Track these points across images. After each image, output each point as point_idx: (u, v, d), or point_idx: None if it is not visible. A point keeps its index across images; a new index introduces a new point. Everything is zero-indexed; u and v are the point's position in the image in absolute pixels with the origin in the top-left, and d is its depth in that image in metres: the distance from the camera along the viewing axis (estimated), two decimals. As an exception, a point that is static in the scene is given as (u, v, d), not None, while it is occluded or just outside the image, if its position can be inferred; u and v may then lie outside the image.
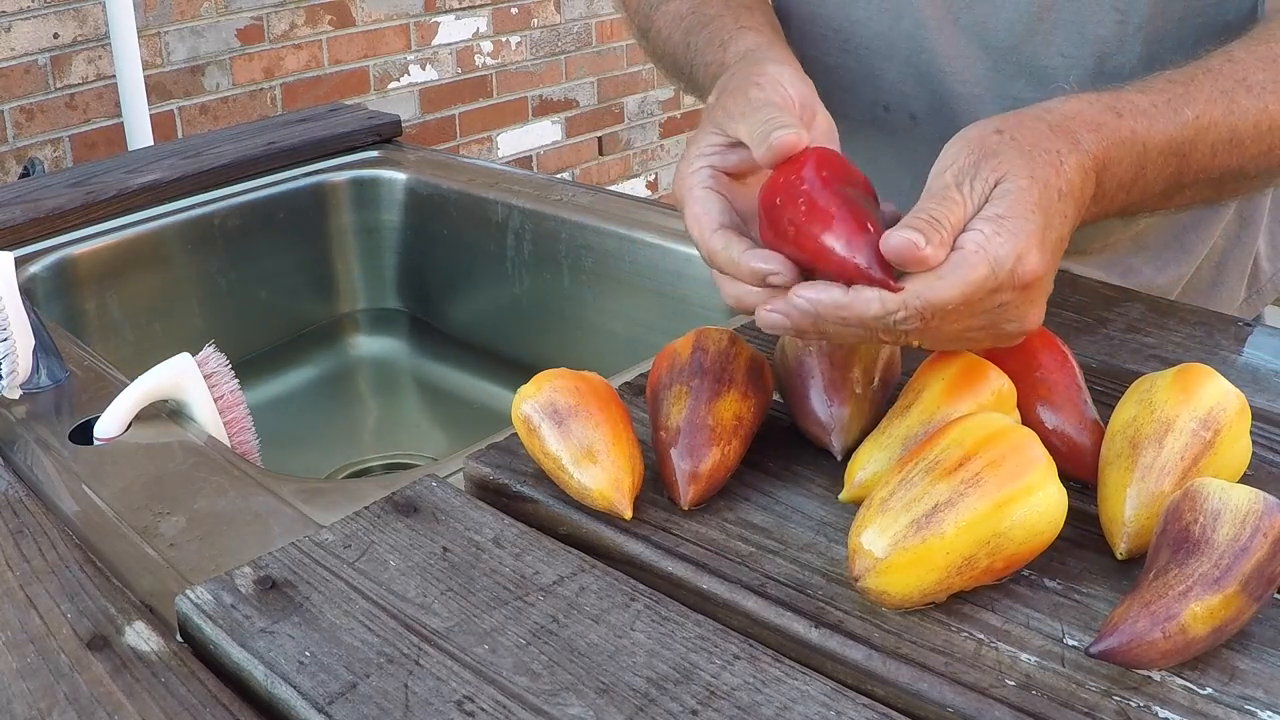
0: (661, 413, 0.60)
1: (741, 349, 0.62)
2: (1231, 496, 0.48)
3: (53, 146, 2.16)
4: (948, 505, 0.48)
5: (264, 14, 2.39)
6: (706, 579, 0.53)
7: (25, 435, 0.72)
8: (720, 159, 0.60)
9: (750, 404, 0.60)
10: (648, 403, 0.62)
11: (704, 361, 0.60)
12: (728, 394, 0.59)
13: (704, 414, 0.58)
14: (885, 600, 0.49)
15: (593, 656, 0.48)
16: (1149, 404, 0.55)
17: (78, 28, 2.13)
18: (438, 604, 0.51)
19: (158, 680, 0.48)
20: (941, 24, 0.82)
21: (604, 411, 0.58)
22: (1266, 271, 0.99)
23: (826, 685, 0.46)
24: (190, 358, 0.74)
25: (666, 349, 0.63)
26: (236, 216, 1.16)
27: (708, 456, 0.57)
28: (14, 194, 1.08)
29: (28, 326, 0.74)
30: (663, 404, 0.60)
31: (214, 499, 0.65)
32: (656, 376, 0.62)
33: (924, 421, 0.56)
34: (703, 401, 0.59)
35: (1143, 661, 0.45)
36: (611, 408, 0.59)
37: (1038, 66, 0.81)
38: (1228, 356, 0.72)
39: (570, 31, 3.00)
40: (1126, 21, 0.78)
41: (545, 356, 1.13)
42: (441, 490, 0.59)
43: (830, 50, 0.89)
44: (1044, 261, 0.53)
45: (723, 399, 0.59)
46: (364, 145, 1.27)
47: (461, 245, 1.20)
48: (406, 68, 2.67)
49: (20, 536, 0.59)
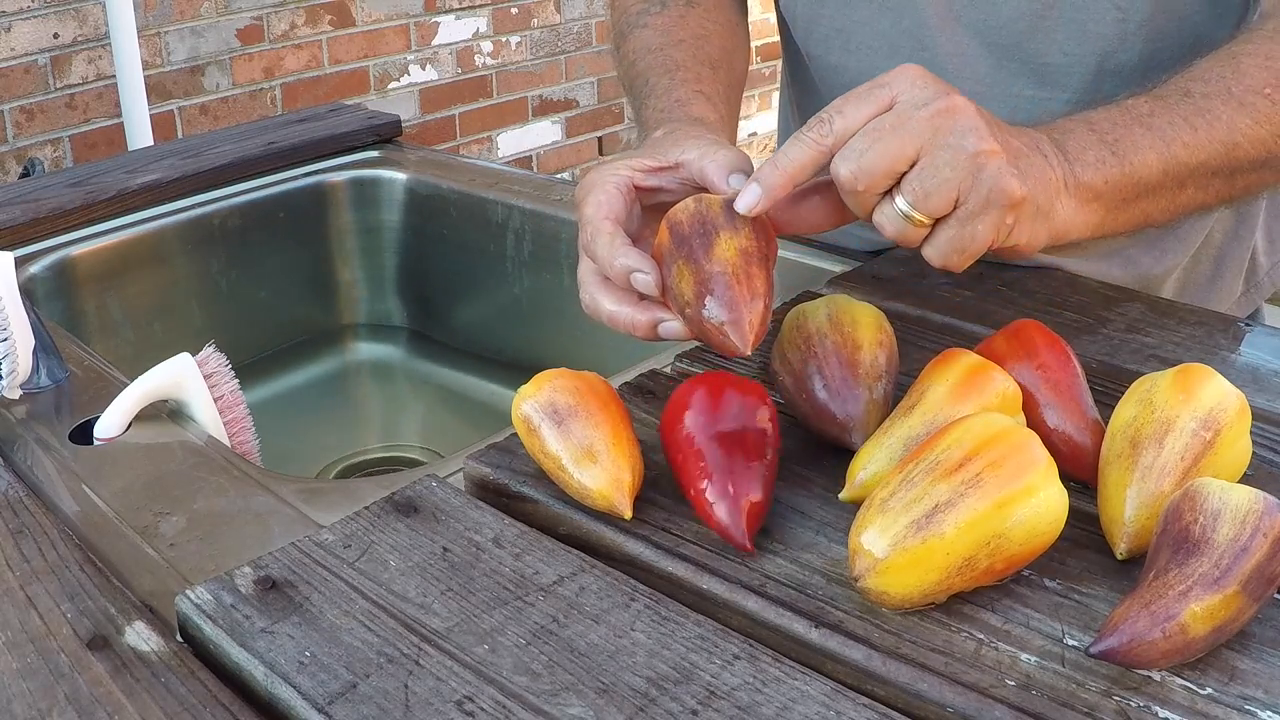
0: (678, 298, 0.59)
1: (709, 200, 0.61)
2: (1231, 496, 0.48)
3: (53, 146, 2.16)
4: (948, 506, 0.48)
5: (264, 14, 2.39)
6: (706, 579, 0.53)
7: (25, 435, 0.72)
8: (642, 176, 0.65)
9: (745, 234, 0.59)
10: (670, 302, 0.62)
11: (682, 231, 0.60)
12: (719, 238, 0.59)
13: (708, 266, 0.58)
14: (885, 600, 0.49)
15: (593, 656, 0.48)
16: (1149, 404, 0.55)
17: (78, 28, 2.14)
18: (438, 604, 0.51)
19: (158, 680, 0.48)
20: (944, 22, 0.83)
21: (604, 411, 0.58)
22: (1264, 266, 0.99)
23: (826, 685, 0.46)
24: (190, 358, 0.74)
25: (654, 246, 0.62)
26: (236, 216, 1.16)
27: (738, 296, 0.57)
28: (14, 194, 1.08)
29: (28, 326, 0.74)
30: (675, 291, 0.60)
31: (214, 499, 0.65)
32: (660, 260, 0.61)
33: (927, 423, 0.56)
34: (701, 258, 0.58)
35: (1143, 661, 0.45)
36: (611, 408, 0.59)
37: (1039, 64, 0.81)
38: (1227, 356, 0.72)
39: (570, 31, 3.00)
40: (1127, 19, 0.79)
41: (545, 356, 1.13)
42: (441, 490, 0.59)
43: (832, 50, 0.89)
44: (941, 86, 0.58)
45: (717, 244, 0.59)
46: (364, 145, 1.27)
47: (461, 245, 1.20)
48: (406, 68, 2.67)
49: (20, 536, 0.59)
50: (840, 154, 0.57)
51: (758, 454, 0.55)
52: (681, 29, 0.85)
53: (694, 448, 0.56)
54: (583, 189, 0.65)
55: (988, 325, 0.75)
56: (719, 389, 0.58)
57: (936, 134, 0.56)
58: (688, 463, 0.56)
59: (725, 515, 0.53)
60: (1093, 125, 0.66)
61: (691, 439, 0.56)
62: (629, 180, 0.64)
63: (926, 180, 0.56)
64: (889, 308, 0.73)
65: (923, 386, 0.58)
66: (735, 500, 0.53)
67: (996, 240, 0.59)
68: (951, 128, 0.57)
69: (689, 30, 0.85)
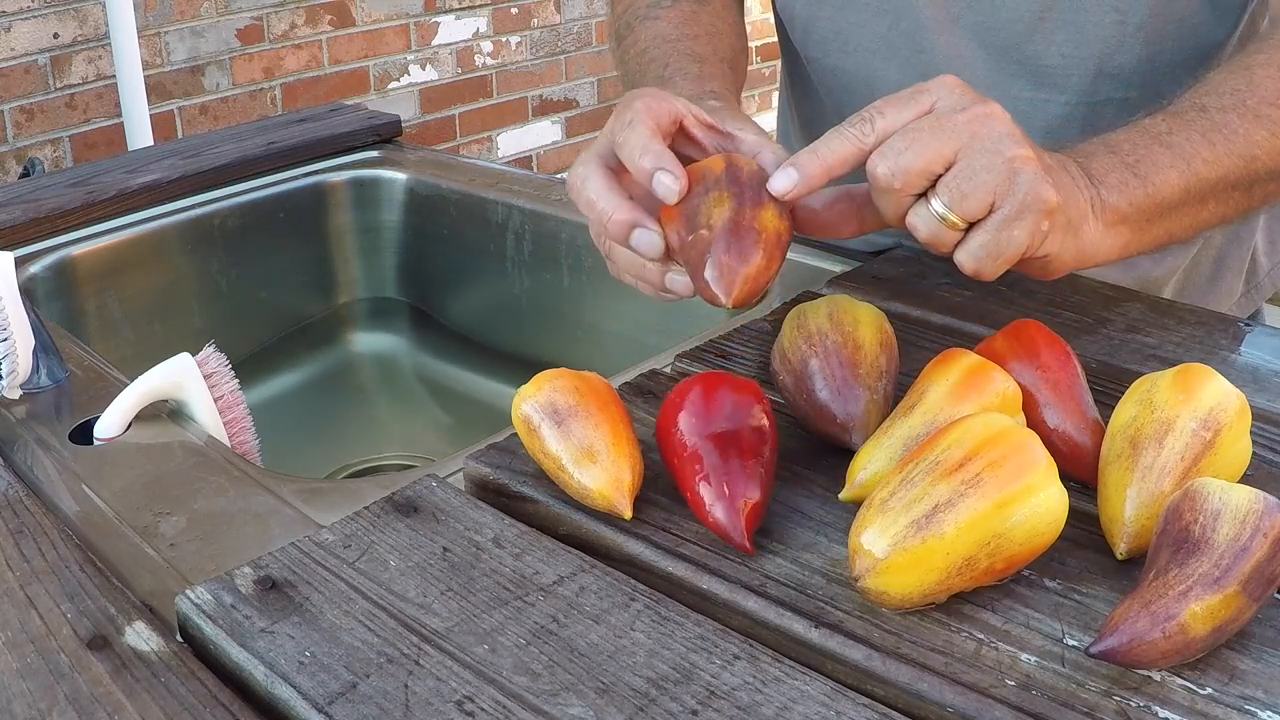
0: (700, 214, 0.58)
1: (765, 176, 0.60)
2: (1231, 496, 0.48)
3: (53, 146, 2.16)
4: (948, 506, 0.48)
5: (264, 14, 2.39)
6: (706, 579, 0.53)
7: (25, 435, 0.72)
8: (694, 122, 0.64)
9: (787, 225, 0.59)
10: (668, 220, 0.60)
11: (740, 175, 0.60)
12: (770, 205, 0.58)
13: (750, 217, 0.57)
14: (885, 600, 0.49)
15: (593, 656, 0.48)
16: (1149, 404, 0.55)
17: (78, 28, 2.14)
18: (438, 604, 0.51)
19: (158, 680, 0.48)
20: (942, 24, 0.83)
21: (604, 411, 0.58)
22: (1264, 267, 0.99)
23: (826, 685, 0.46)
24: (190, 358, 0.74)
25: (693, 167, 0.61)
26: (236, 216, 1.16)
27: (756, 257, 0.56)
28: (14, 194, 1.08)
29: (28, 326, 0.74)
30: (700, 208, 0.58)
31: (214, 499, 0.65)
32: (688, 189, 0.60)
33: (927, 423, 0.56)
34: (747, 205, 0.58)
35: (1143, 661, 0.45)
36: (611, 408, 0.59)
37: (1038, 66, 0.81)
38: (1227, 356, 0.72)
39: (570, 31, 3.00)
40: (1126, 21, 0.79)
41: (545, 356, 1.13)
42: (441, 490, 0.59)
43: (830, 52, 0.89)
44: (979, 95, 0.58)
45: (767, 209, 0.58)
46: (364, 145, 1.27)
47: (461, 245, 1.20)
48: (406, 68, 2.67)
49: (20, 536, 0.59)
50: (879, 152, 0.57)
51: (754, 453, 0.55)
52: (695, 24, 0.85)
53: (689, 449, 0.56)
54: (636, 94, 0.63)
55: (988, 325, 0.75)
56: (712, 389, 0.58)
57: (974, 137, 0.57)
58: (684, 465, 0.56)
59: (723, 516, 0.53)
60: (1113, 148, 0.66)
61: (686, 441, 0.56)
62: (682, 116, 0.63)
63: (964, 182, 0.56)
64: (889, 308, 0.73)
65: (923, 386, 0.58)
66: (732, 501, 0.53)
67: (1031, 247, 0.59)
68: (989, 132, 0.57)
69: (703, 27, 0.85)
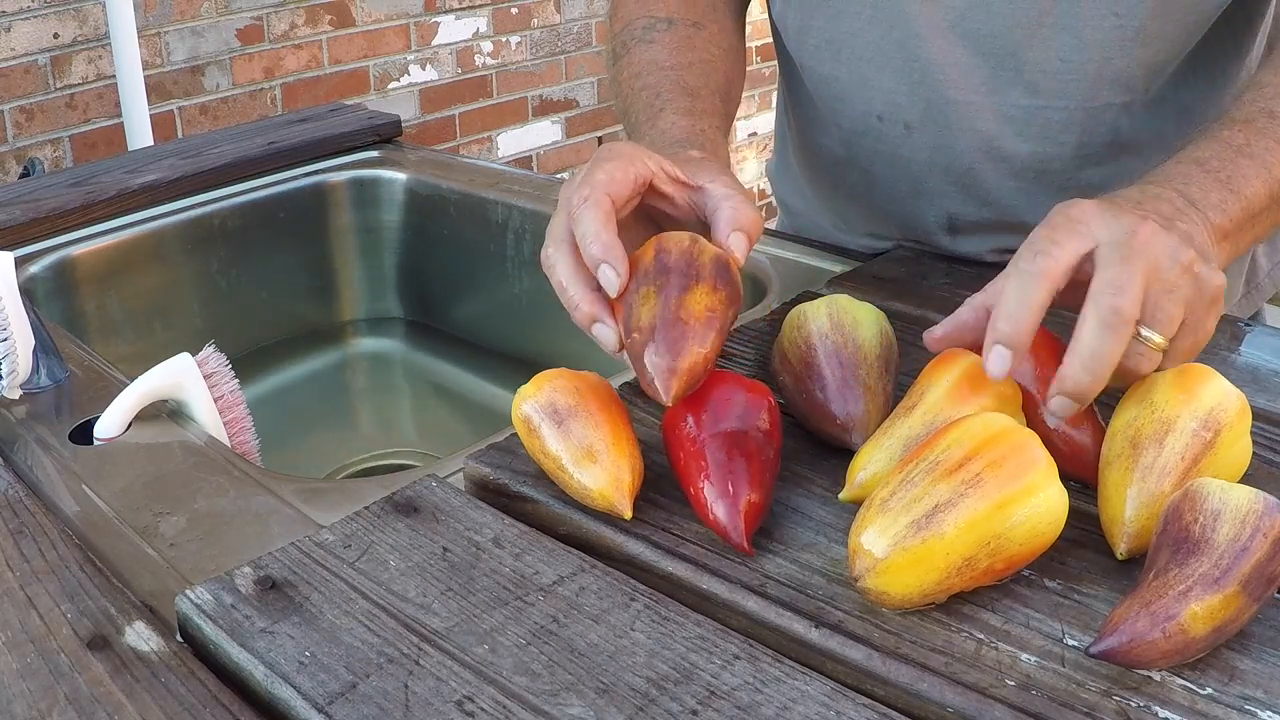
0: (633, 314, 0.58)
1: (704, 247, 0.60)
2: (1231, 496, 0.48)
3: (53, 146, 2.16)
4: (948, 506, 0.48)
5: (264, 14, 2.39)
6: (706, 579, 0.53)
7: (25, 435, 0.72)
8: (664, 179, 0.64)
9: (721, 296, 0.59)
10: (616, 313, 0.60)
11: (668, 261, 0.59)
12: (696, 287, 0.58)
13: (675, 308, 0.57)
14: (885, 600, 0.49)
15: (593, 656, 0.48)
16: (1149, 404, 0.55)
17: (78, 28, 2.13)
18: (438, 604, 0.51)
19: (158, 680, 0.48)
20: (936, 32, 0.82)
21: (604, 411, 0.58)
22: (1264, 268, 0.99)
23: (826, 685, 0.46)
24: (190, 358, 0.74)
25: (634, 255, 0.61)
26: (236, 216, 1.16)
27: (685, 351, 0.56)
28: (14, 194, 1.08)
29: (28, 326, 0.74)
30: (634, 306, 0.58)
31: (214, 499, 0.65)
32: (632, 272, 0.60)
33: (927, 423, 0.56)
34: (673, 296, 0.58)
35: (1143, 661, 0.45)
36: (611, 408, 0.59)
37: (1036, 72, 0.81)
38: (1227, 356, 0.72)
39: (570, 31, 3.00)
40: (1125, 25, 0.78)
41: (545, 356, 1.13)
42: (441, 490, 0.59)
43: (823, 60, 0.89)
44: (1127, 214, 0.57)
45: (692, 292, 0.58)
46: (364, 145, 1.27)
47: (461, 245, 1.20)
48: (406, 68, 2.67)
49: (20, 536, 0.59)
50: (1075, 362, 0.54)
51: (758, 454, 0.55)
52: (690, 51, 0.85)
53: (695, 446, 0.56)
54: (605, 154, 0.63)
55: (988, 325, 0.75)
56: (724, 387, 0.58)
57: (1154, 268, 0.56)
58: (688, 461, 0.56)
59: (723, 515, 0.53)
60: (1205, 166, 0.66)
61: (692, 438, 0.56)
62: (650, 177, 0.63)
63: (1167, 306, 0.56)
64: (889, 308, 0.73)
65: (923, 386, 0.58)
66: (734, 500, 0.53)
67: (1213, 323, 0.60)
68: (1156, 253, 0.56)
69: (697, 54, 0.85)
